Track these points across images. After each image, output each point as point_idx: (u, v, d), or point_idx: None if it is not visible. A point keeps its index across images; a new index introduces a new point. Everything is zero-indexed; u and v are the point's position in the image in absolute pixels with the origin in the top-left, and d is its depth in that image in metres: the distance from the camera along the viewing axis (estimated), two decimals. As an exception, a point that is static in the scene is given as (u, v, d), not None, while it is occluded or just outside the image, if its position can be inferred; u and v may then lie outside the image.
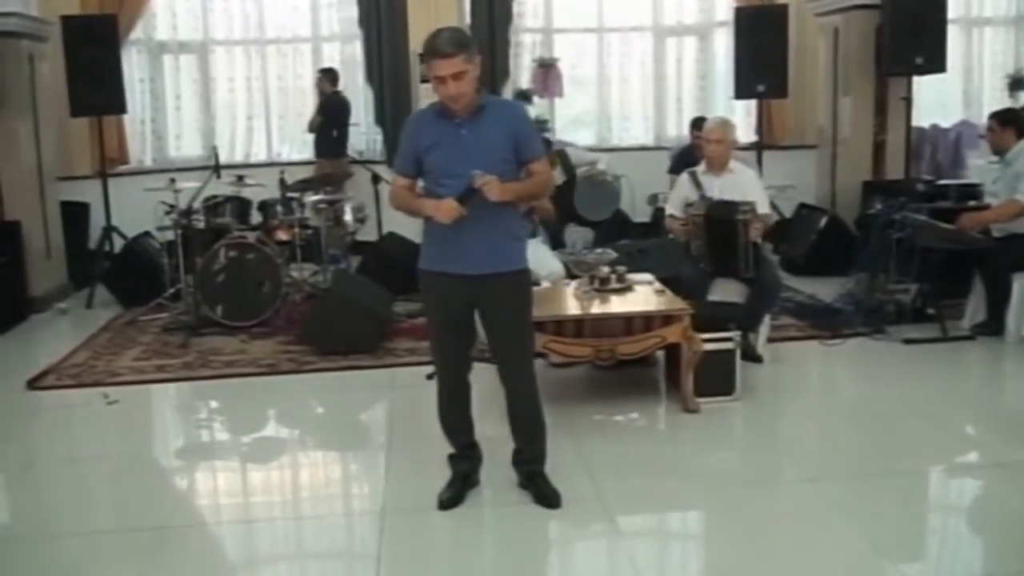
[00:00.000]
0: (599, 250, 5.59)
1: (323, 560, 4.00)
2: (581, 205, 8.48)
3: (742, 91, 9.58)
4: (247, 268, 7.29)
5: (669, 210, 6.47)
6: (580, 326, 5.02)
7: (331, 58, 10.76)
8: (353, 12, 10.53)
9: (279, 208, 7.89)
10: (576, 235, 8.68)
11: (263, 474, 4.89)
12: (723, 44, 11.06)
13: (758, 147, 9.69)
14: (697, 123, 8.90)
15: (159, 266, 8.02)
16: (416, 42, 10.03)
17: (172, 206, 7.64)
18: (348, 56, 10.78)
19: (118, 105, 8.90)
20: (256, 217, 8.13)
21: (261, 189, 8.02)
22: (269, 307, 7.30)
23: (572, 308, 5.23)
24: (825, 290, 7.67)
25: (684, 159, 8.84)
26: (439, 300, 4.02)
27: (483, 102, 3.89)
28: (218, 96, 10.86)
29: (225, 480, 4.85)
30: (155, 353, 6.75)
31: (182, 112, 10.79)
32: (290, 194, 7.96)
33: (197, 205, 7.55)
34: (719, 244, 5.96)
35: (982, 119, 10.99)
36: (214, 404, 5.93)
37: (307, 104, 10.51)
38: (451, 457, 4.27)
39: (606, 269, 5.52)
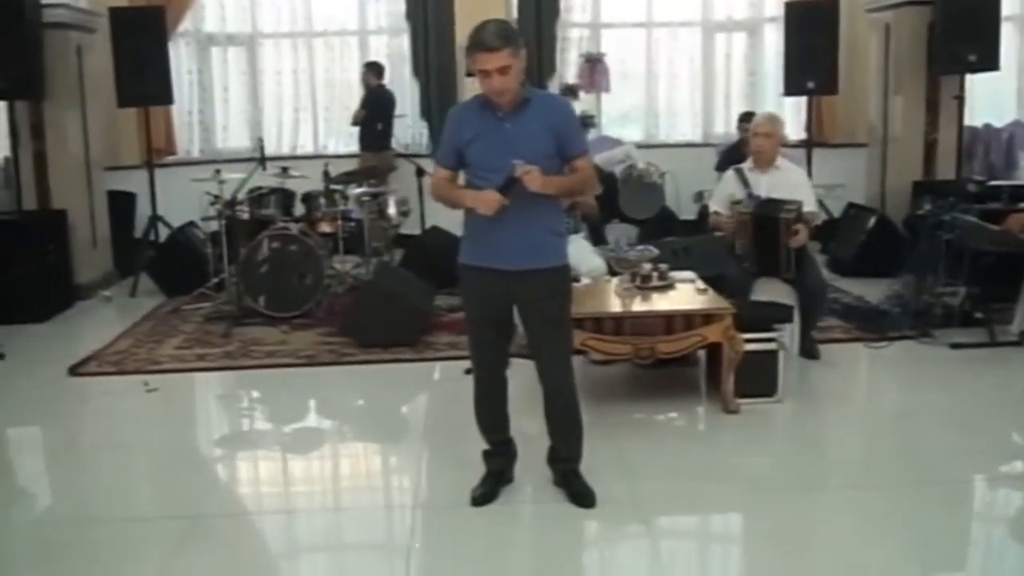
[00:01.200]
0: (641, 247, 5.54)
1: (354, 553, 4.00)
2: (626, 205, 8.43)
3: (792, 88, 9.45)
4: (290, 259, 7.30)
5: (713, 207, 6.39)
6: (619, 324, 4.97)
7: (378, 51, 10.76)
8: (400, 6, 10.53)
9: (322, 200, 7.90)
10: (619, 232, 8.63)
11: (299, 464, 4.92)
12: (773, 40, 10.94)
13: (807, 144, 9.54)
14: (745, 118, 8.83)
15: (203, 256, 8.08)
16: (463, 36, 9.83)
17: (217, 197, 7.67)
18: (395, 50, 10.79)
19: (165, 96, 8.95)
20: (300, 209, 8.15)
21: (305, 181, 8.02)
22: (311, 299, 7.31)
23: (612, 305, 5.18)
24: (872, 291, 7.53)
25: (731, 156, 8.73)
26: (477, 295, 3.99)
27: (527, 95, 3.84)
28: (265, 88, 10.92)
29: (261, 470, 4.88)
30: (197, 342, 6.78)
31: (229, 104, 10.88)
32: (334, 186, 7.96)
33: (242, 196, 7.58)
34: (764, 244, 5.87)
35: (1035, 118, 10.87)
36: (254, 394, 5.95)
37: (353, 97, 10.52)
38: (485, 453, 4.23)
39: (648, 266, 5.46)
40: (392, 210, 8.22)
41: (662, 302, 5.25)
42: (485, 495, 4.10)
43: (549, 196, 3.83)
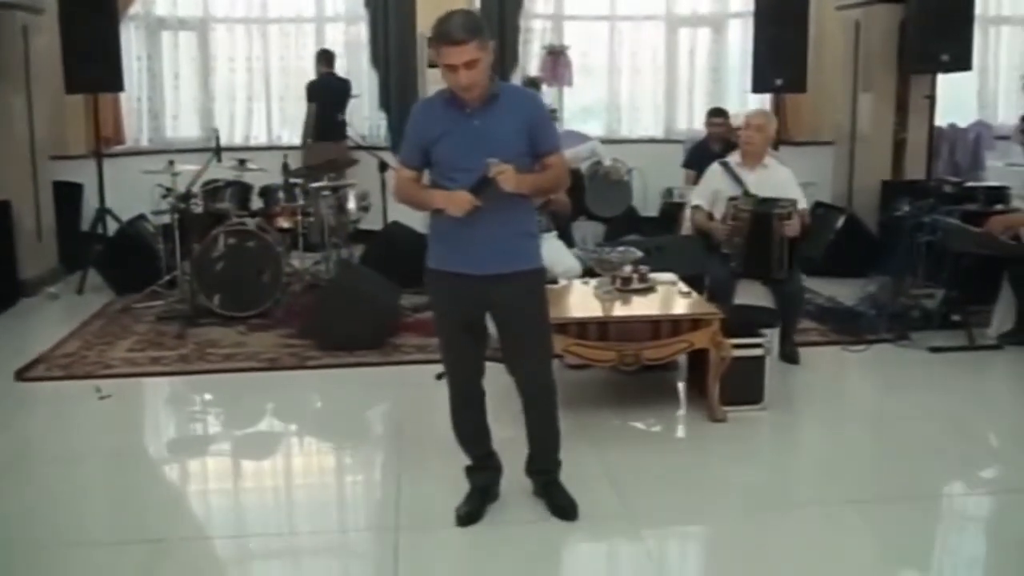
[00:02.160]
0: (622, 248, 5.31)
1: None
2: (593, 203, 8.22)
3: (760, 84, 9.28)
4: (247, 256, 6.99)
5: (695, 201, 6.20)
6: (604, 329, 4.75)
7: (335, 39, 10.44)
8: (360, -9, 10.23)
9: (281, 194, 7.60)
10: (586, 230, 8.42)
11: (269, 482, 4.63)
12: (737, 36, 10.86)
13: (773, 142, 9.36)
14: (714, 113, 8.67)
15: (154, 251, 7.73)
16: (424, 24, 9.75)
17: (169, 189, 7.35)
18: (353, 37, 10.48)
19: (115, 82, 8.55)
20: (257, 203, 7.84)
21: (262, 174, 7.71)
22: (269, 298, 7.01)
23: (594, 309, 4.95)
24: (843, 292, 7.41)
25: (699, 152, 8.61)
26: (448, 301, 3.78)
27: (496, 90, 3.62)
28: (218, 76, 10.53)
29: (222, 489, 4.56)
30: (150, 344, 6.45)
31: (180, 91, 10.49)
32: (293, 180, 7.66)
33: (196, 189, 7.25)
34: (758, 243, 5.69)
35: (997, 120, 10.86)
36: (211, 402, 5.63)
37: (311, 86, 10.15)
38: (468, 469, 4.01)
39: (628, 268, 5.24)
40: (352, 204, 7.94)
41: (647, 306, 5.04)
42: (470, 514, 3.87)
43: (522, 195, 3.64)
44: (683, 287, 5.37)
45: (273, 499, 4.44)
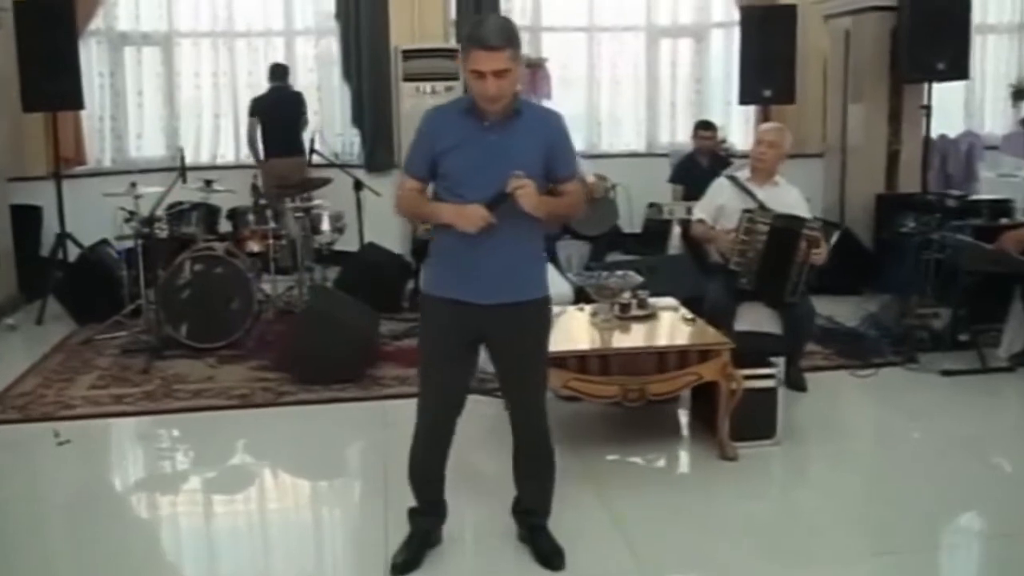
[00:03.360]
0: (620, 272, 4.95)
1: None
2: (577, 221, 7.83)
3: (747, 96, 9.00)
4: (215, 283, 6.59)
5: (698, 215, 5.87)
6: (606, 362, 4.39)
7: (305, 53, 10.04)
8: (329, 5, 9.82)
9: (251, 216, 7.19)
10: (570, 249, 8.06)
11: (241, 535, 4.22)
12: (720, 46, 10.54)
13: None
14: (702, 126, 8.42)
15: (117, 279, 7.27)
16: (398, 37, 9.43)
17: (132, 213, 6.93)
18: (323, 51, 10.05)
19: (75, 100, 8.12)
20: (225, 226, 7.43)
21: (230, 196, 7.32)
22: (239, 327, 6.59)
23: (594, 340, 4.59)
24: (840, 311, 7.10)
25: (687, 167, 8.35)
26: (442, 330, 3.47)
27: (519, 107, 3.36)
28: (183, 92, 10.05)
29: (194, 543, 4.15)
30: (113, 379, 6.03)
31: (144, 109, 9.98)
32: (262, 201, 7.26)
33: (160, 212, 6.84)
34: (774, 262, 5.35)
35: (984, 129, 10.60)
36: (179, 445, 5.19)
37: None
38: (412, 512, 3.72)
39: (627, 294, 4.88)
40: (326, 226, 7.56)
41: (651, 336, 4.69)
42: (408, 562, 3.59)
43: (535, 219, 3.34)
44: (686, 313, 5.02)
45: (250, 553, 4.04)
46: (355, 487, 4.68)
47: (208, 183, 7.13)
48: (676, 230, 8.30)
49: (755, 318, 5.47)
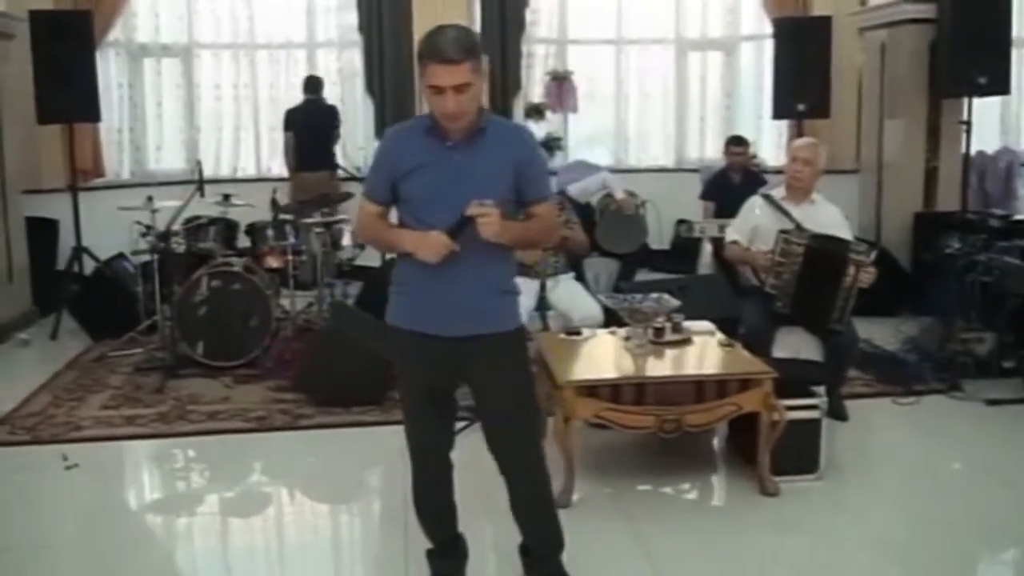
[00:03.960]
0: (655, 295, 4.70)
1: None
2: (605, 238, 7.62)
3: (781, 110, 8.76)
4: (232, 300, 6.40)
5: (732, 236, 5.62)
6: (641, 391, 4.14)
7: (327, 66, 9.91)
8: (353, 17, 9.67)
9: (270, 232, 7.00)
10: (599, 268, 7.82)
11: (258, 570, 4.01)
12: (750, 60, 10.35)
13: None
14: (734, 142, 8.20)
15: (133, 294, 7.10)
16: (422, 49, 9.18)
17: (149, 227, 6.75)
18: (346, 64, 9.95)
19: (91, 112, 7.99)
20: (244, 241, 7.24)
21: (249, 211, 7.13)
22: (257, 345, 6.39)
23: (627, 367, 4.35)
24: (878, 333, 6.81)
25: (718, 183, 8.13)
26: (412, 364, 3.23)
27: (484, 123, 3.09)
28: (203, 104, 9.98)
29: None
30: (125, 400, 5.83)
31: (163, 121, 9.92)
32: (283, 216, 7.07)
33: (177, 227, 6.65)
34: (813, 284, 5.09)
35: (1020, 146, 10.31)
36: (193, 471, 5.01)
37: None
38: (430, 554, 3.51)
39: (662, 318, 4.64)
40: (347, 241, 7.36)
41: (687, 363, 4.44)
42: None
43: (502, 246, 3.09)
44: (722, 338, 4.78)
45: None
46: (375, 517, 4.46)
47: (226, 197, 6.95)
48: (707, 248, 8.06)
49: (794, 343, 5.21)
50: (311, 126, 9.03)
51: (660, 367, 4.37)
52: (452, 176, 3.04)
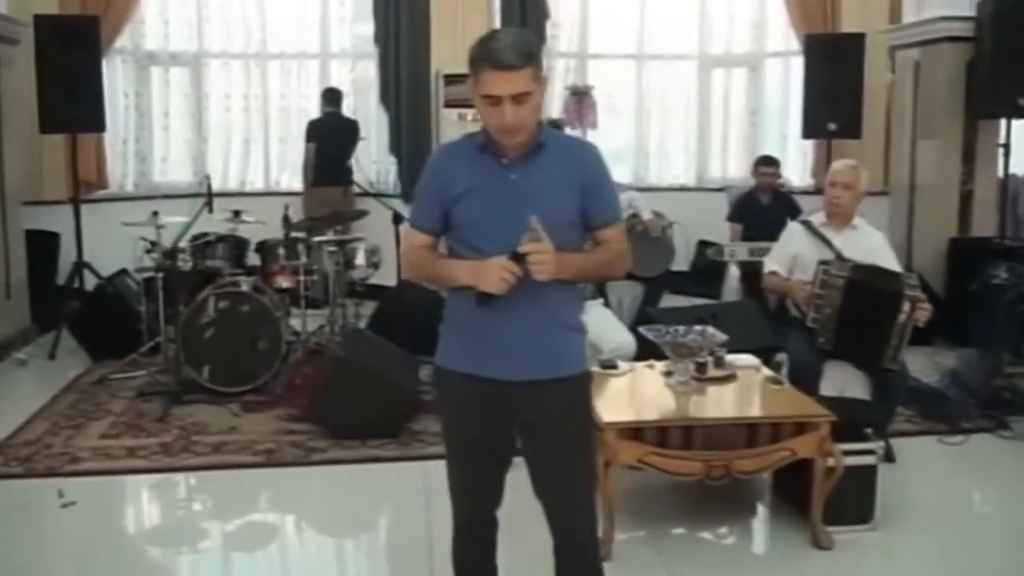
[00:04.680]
0: (699, 327, 4.36)
1: None
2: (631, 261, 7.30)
3: (811, 130, 8.45)
4: (240, 322, 6.08)
5: (770, 267, 5.30)
6: (688, 435, 3.82)
7: (341, 77, 9.57)
8: (368, 27, 9.34)
9: (281, 250, 6.67)
10: (622, 291, 7.51)
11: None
12: (776, 77, 10.02)
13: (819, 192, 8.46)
14: (764, 162, 7.92)
15: (136, 313, 6.77)
16: (440, 61, 8.93)
17: (154, 243, 6.45)
18: (360, 75, 9.61)
19: (96, 121, 7.69)
20: (253, 258, 6.92)
21: (260, 227, 6.81)
22: (266, 370, 6.07)
23: (671, 407, 4.03)
24: (912, 363, 6.29)
25: (746, 204, 7.84)
26: (460, 412, 2.88)
27: (543, 138, 2.76)
28: (212, 115, 9.62)
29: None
30: (127, 428, 5.50)
31: (170, 132, 9.54)
32: (294, 233, 6.76)
33: (183, 243, 6.34)
34: (857, 319, 4.76)
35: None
36: (196, 509, 4.66)
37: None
38: None
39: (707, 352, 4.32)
40: (361, 260, 7.05)
41: (736, 403, 4.13)
42: None
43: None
44: (767, 372, 4.47)
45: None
46: (395, 564, 4.13)
47: (236, 213, 6.64)
48: (733, 271, 7.77)
49: (839, 380, 4.88)
50: (333, 140, 8.74)
51: (707, 408, 4.06)
52: (509, 198, 2.70)
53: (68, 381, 6.46)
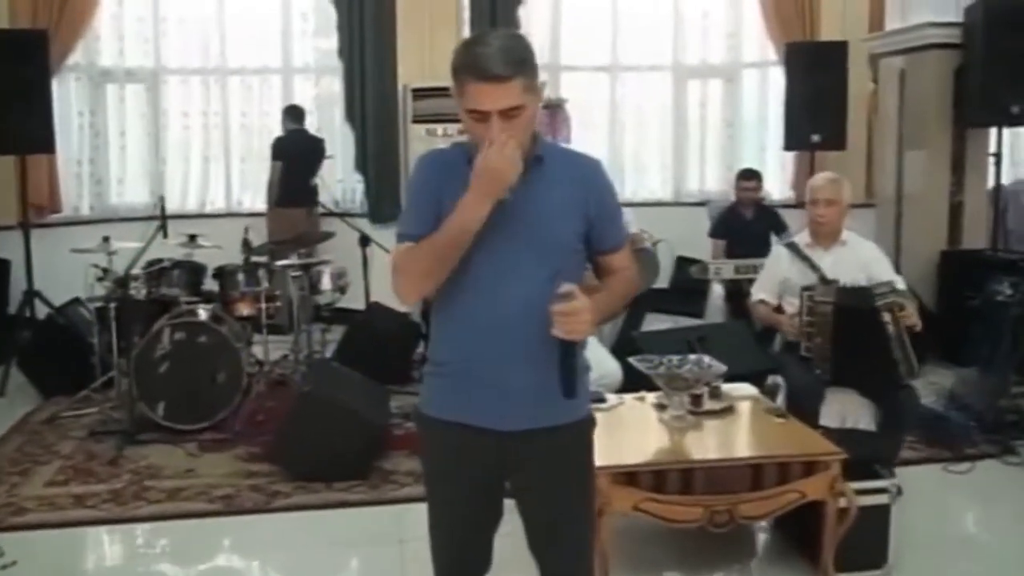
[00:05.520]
0: (693, 356, 4.01)
1: None
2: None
3: (793, 141, 8.17)
4: (197, 354, 5.69)
5: (758, 295, 4.96)
6: (688, 478, 3.47)
7: (304, 93, 9.22)
8: (332, 42, 9.00)
9: (240, 276, 6.29)
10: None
11: None
12: (753, 87, 9.77)
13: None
14: (745, 175, 7.65)
15: (88, 345, 6.37)
16: (407, 75, 8.60)
17: (106, 270, 6.06)
18: (324, 91, 9.27)
19: (46, 142, 7.27)
20: (212, 284, 6.54)
21: (218, 251, 6.44)
22: (225, 406, 5.67)
23: (667, 447, 3.68)
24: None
25: (729, 219, 7.59)
26: (449, 467, 2.52)
27: (540, 151, 2.42)
28: (170, 134, 9.21)
29: None
30: (76, 473, 5.08)
31: (127, 152, 9.14)
32: (256, 258, 6.38)
33: (137, 270, 5.96)
34: (853, 346, 4.44)
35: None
36: (147, 567, 4.18)
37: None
38: None
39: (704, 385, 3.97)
40: (327, 285, 6.69)
41: (739, 441, 3.78)
42: None
43: None
44: (766, 402, 4.13)
45: None
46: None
47: (192, 238, 6.25)
48: (717, 290, 7.46)
49: (841, 409, 4.54)
50: (299, 158, 8.36)
51: (707, 447, 3.71)
52: (502, 221, 2.33)
53: (16, 420, 6.03)
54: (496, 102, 2.26)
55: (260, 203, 8.77)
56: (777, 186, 9.50)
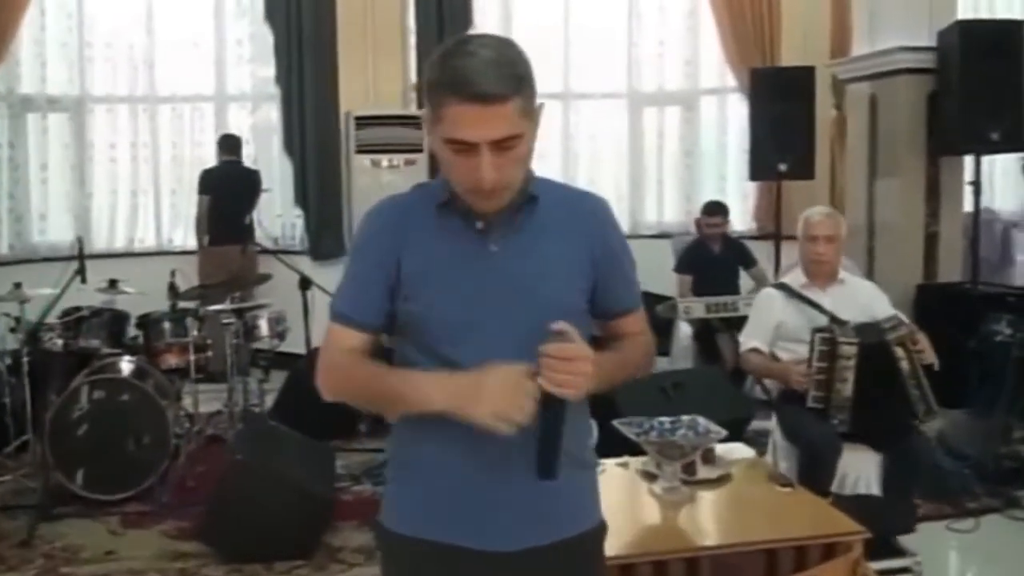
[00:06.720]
0: (687, 418, 3.51)
1: None
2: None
3: (759, 171, 7.76)
4: (119, 414, 5.08)
5: (751, 343, 4.44)
6: (694, 568, 2.95)
7: (240, 122, 8.75)
8: (269, 68, 8.52)
9: (167, 324, 5.72)
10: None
11: None
12: (711, 115, 9.44)
13: (775, 237, 7.73)
14: (710, 209, 7.26)
15: (1, 405, 5.74)
16: (349, 102, 8.12)
17: (18, 319, 5.46)
18: (261, 120, 8.81)
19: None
20: (135, 331, 5.96)
21: (142, 299, 5.88)
22: (151, 472, 5.05)
23: (670, 531, 3.16)
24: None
25: (695, 254, 7.20)
26: None
27: (534, 190, 1.91)
28: (96, 166, 8.71)
29: None
30: (-20, 558, 4.46)
31: (49, 186, 8.61)
32: (183, 304, 5.82)
33: (53, 320, 5.37)
34: (877, 389, 3.99)
35: (994, 205, 9.47)
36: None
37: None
38: None
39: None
40: (265, 331, 6.14)
41: (747, 521, 3.27)
42: None
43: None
44: (771, 470, 3.66)
45: None
46: None
47: (113, 283, 5.67)
48: (684, 329, 7.02)
49: (852, 470, 4.07)
50: (230, 192, 7.85)
51: (711, 529, 3.20)
52: (490, 280, 1.86)
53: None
54: (487, 130, 1.75)
55: (192, 241, 8.26)
56: (739, 217, 9.09)
